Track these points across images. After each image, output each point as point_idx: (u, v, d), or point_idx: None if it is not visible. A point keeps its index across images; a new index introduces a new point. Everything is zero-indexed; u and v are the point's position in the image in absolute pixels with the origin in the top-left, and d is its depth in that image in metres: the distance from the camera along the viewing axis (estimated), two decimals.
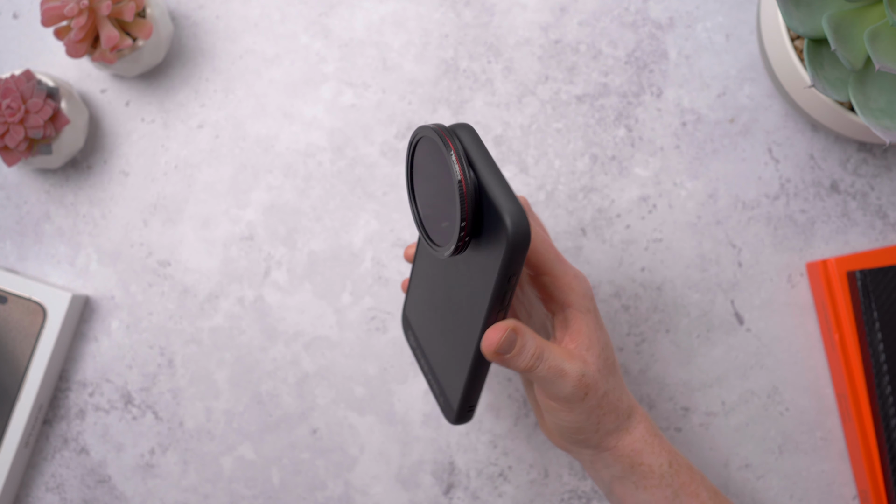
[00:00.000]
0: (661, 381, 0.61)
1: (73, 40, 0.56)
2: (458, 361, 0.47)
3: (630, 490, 0.50)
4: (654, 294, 0.61)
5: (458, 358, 0.47)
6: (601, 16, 0.62)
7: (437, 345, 0.50)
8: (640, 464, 0.50)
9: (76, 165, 0.63)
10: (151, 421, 0.62)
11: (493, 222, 0.40)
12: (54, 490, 0.62)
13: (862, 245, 0.61)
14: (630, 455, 0.49)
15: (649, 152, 0.61)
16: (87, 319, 0.62)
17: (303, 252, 0.62)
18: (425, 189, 0.44)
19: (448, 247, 0.42)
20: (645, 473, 0.50)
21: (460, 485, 0.61)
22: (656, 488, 0.50)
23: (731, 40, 0.62)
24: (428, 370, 0.51)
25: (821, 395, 0.61)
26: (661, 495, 0.50)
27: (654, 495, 0.49)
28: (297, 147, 0.62)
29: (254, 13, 0.63)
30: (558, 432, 0.49)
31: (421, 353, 0.52)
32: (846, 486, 0.60)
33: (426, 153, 0.43)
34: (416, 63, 0.62)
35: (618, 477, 0.50)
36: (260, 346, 0.62)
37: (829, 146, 0.61)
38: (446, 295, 0.47)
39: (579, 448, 0.50)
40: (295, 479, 0.61)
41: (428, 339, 0.51)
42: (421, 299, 0.51)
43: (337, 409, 0.62)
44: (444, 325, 0.48)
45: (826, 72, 0.50)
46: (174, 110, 0.63)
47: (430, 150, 0.42)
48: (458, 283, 0.46)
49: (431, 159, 0.42)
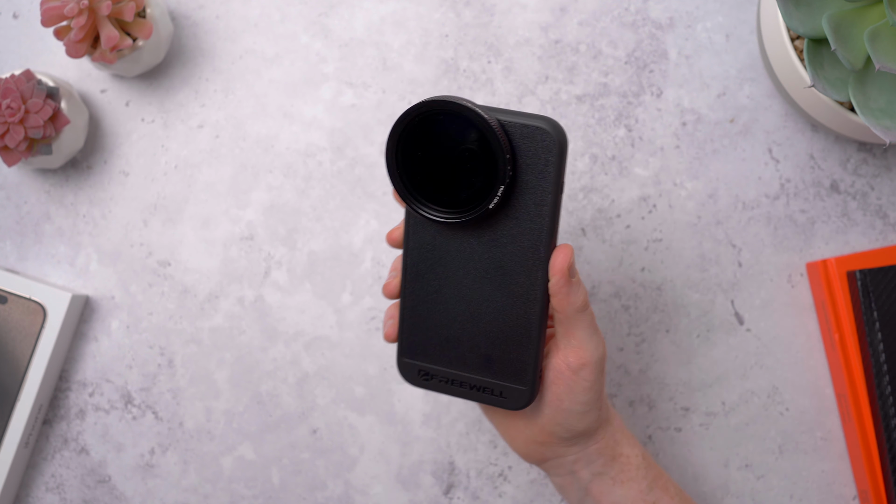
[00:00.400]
0: (661, 381, 0.61)
1: (73, 40, 0.56)
2: (518, 330, 0.46)
3: (608, 487, 0.49)
4: (654, 294, 0.61)
5: (515, 328, 0.47)
6: (601, 16, 0.62)
7: (475, 341, 0.47)
8: (620, 454, 0.50)
9: (76, 165, 0.63)
10: (151, 421, 0.62)
11: (526, 147, 0.44)
12: (54, 490, 0.62)
13: (862, 245, 0.61)
14: (612, 446, 0.50)
15: (649, 152, 0.61)
16: (87, 319, 0.62)
17: (303, 252, 0.62)
18: (426, 168, 0.44)
19: (491, 198, 0.44)
20: (623, 465, 0.50)
21: (460, 485, 0.61)
22: (633, 481, 0.50)
23: (731, 40, 0.62)
24: (466, 382, 0.48)
25: (821, 395, 0.61)
26: (637, 489, 0.50)
27: (631, 489, 0.49)
28: (297, 147, 0.62)
29: (254, 13, 0.63)
30: (564, 427, 0.48)
31: (445, 378, 0.49)
32: (846, 486, 0.60)
33: (425, 130, 0.44)
34: (416, 63, 0.62)
35: (598, 473, 0.49)
36: (260, 346, 0.62)
37: (829, 146, 0.61)
38: (476, 270, 0.46)
39: (566, 447, 0.49)
40: (295, 479, 0.62)
41: (456, 351, 0.48)
42: (432, 314, 0.48)
43: (337, 409, 0.62)
44: (480, 311, 0.47)
45: (826, 72, 0.50)
46: (174, 110, 0.63)
47: (431, 124, 0.44)
48: (489, 247, 0.46)
49: (434, 132, 0.44)
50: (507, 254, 0.46)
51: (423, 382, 0.49)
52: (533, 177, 0.44)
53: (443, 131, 0.44)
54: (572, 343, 0.47)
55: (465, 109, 0.43)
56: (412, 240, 0.47)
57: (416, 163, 0.44)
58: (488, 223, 0.46)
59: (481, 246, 0.46)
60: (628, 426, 0.61)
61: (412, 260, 0.47)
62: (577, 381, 0.47)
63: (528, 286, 0.46)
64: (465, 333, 0.47)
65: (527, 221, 0.45)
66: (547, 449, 0.49)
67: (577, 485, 0.50)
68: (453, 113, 0.43)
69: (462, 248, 0.46)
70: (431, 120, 0.44)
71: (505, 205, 0.45)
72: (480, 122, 0.43)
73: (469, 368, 0.48)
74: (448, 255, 0.47)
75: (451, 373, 0.48)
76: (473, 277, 0.47)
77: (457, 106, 0.43)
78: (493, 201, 0.44)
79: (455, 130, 0.44)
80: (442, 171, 0.44)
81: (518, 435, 0.50)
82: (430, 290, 0.47)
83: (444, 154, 0.44)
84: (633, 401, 0.61)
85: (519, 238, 0.45)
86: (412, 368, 0.49)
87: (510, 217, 0.45)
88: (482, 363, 0.48)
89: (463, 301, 0.47)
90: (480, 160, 0.43)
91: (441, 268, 0.47)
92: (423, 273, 0.47)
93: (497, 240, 0.46)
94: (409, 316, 0.48)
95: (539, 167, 0.44)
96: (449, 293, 0.47)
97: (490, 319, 0.47)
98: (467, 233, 0.46)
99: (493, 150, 0.43)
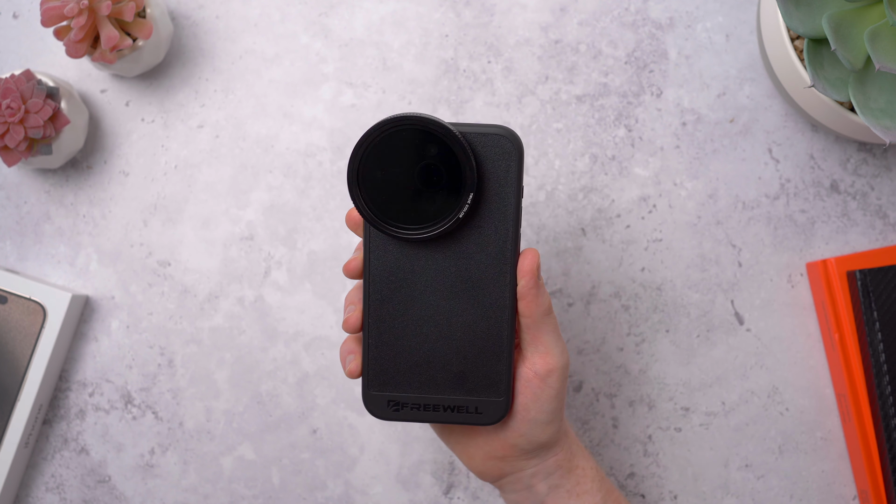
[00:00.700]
0: (661, 381, 0.61)
1: (73, 40, 0.56)
2: (490, 341, 0.47)
3: (563, 499, 0.49)
4: (654, 294, 0.61)
5: (486, 339, 0.47)
6: (601, 16, 0.62)
7: (447, 360, 0.47)
8: (576, 467, 0.50)
9: (76, 165, 0.63)
10: (151, 421, 0.62)
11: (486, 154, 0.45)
12: (54, 490, 0.62)
13: (862, 245, 0.61)
14: (569, 458, 0.49)
15: (649, 152, 0.61)
16: (87, 319, 0.62)
17: (303, 252, 0.62)
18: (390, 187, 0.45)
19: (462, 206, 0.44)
20: (579, 478, 0.49)
21: (460, 485, 0.61)
22: (588, 494, 0.49)
23: (731, 40, 0.62)
24: (439, 405, 0.48)
25: (821, 395, 0.61)
26: (591, 501, 0.49)
27: (586, 502, 0.49)
28: (297, 147, 0.62)
29: (254, 13, 0.63)
30: (528, 438, 0.47)
31: (417, 404, 0.48)
32: (846, 486, 0.60)
33: (383, 150, 0.44)
34: (416, 63, 0.62)
35: (555, 486, 0.49)
36: (260, 346, 0.62)
37: (829, 146, 0.61)
38: (443, 286, 0.46)
39: (526, 460, 0.48)
40: (295, 479, 0.62)
41: (427, 373, 0.47)
42: (399, 339, 0.47)
43: (337, 409, 0.62)
44: (450, 327, 0.47)
45: (826, 72, 0.50)
46: (174, 110, 0.63)
47: (389, 144, 0.44)
48: (456, 259, 0.46)
49: (392, 151, 0.44)
50: (475, 263, 0.46)
51: (392, 414, 0.47)
52: (496, 183, 0.45)
53: (401, 149, 0.44)
54: (539, 349, 0.47)
55: (428, 123, 0.44)
56: (374, 265, 0.46)
57: (378, 184, 0.45)
58: (454, 236, 0.46)
59: (447, 260, 0.46)
60: (628, 426, 0.61)
61: (376, 286, 0.47)
62: (543, 389, 0.47)
63: (497, 294, 0.46)
64: (436, 353, 0.47)
65: (492, 229, 0.46)
66: (506, 464, 0.49)
67: (532, 500, 0.49)
68: (414, 129, 0.44)
69: (428, 265, 0.46)
70: (389, 139, 0.44)
71: (471, 214, 0.46)
72: (444, 132, 0.44)
73: (441, 389, 0.47)
74: (413, 275, 0.47)
75: (422, 397, 0.47)
76: (441, 294, 0.47)
77: (418, 121, 0.44)
78: (462, 209, 0.44)
79: (414, 147, 0.44)
80: (405, 190, 0.45)
81: (476, 452, 0.49)
82: (395, 314, 0.47)
83: (405, 172, 0.44)
84: (633, 401, 0.61)
85: (486, 246, 0.46)
86: (380, 401, 0.47)
87: (475, 227, 0.46)
88: (455, 381, 0.47)
89: (431, 320, 0.47)
90: (443, 174, 0.44)
91: (406, 289, 0.47)
92: (388, 298, 0.47)
93: (463, 251, 0.46)
94: (375, 345, 0.47)
95: (500, 173, 0.45)
96: (416, 314, 0.47)
97: (461, 335, 0.47)
98: (433, 249, 0.46)
99: (459, 158, 0.44)
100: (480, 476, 0.50)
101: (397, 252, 0.46)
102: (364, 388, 0.48)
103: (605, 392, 0.61)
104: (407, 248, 0.46)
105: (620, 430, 0.61)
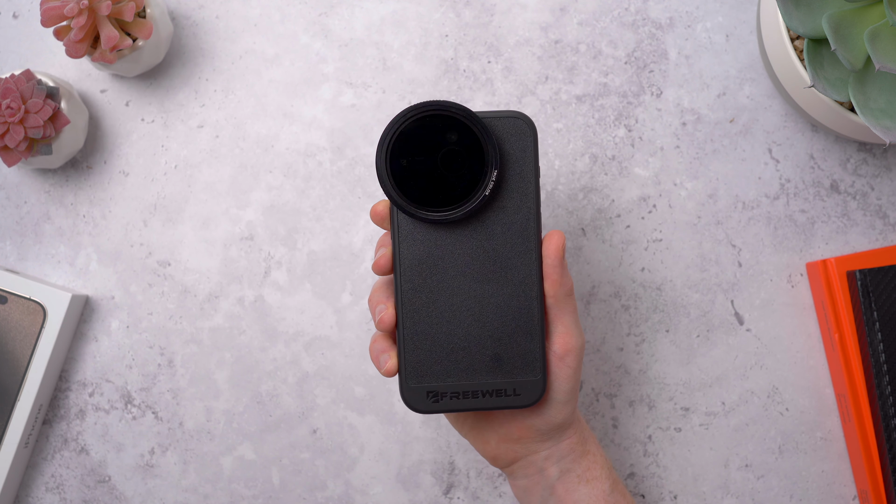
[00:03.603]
0: (661, 381, 0.61)
1: (73, 40, 0.56)
2: (522, 320, 0.48)
3: (573, 485, 0.50)
4: (654, 294, 0.61)
5: (519, 318, 0.48)
6: (601, 16, 0.62)
7: (482, 343, 0.48)
8: (588, 452, 0.50)
9: (76, 165, 0.63)
10: (151, 421, 0.62)
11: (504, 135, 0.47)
12: (54, 490, 0.62)
13: (862, 245, 0.61)
14: (581, 442, 0.50)
15: (649, 152, 0.61)
16: (87, 319, 0.62)
17: (303, 252, 0.62)
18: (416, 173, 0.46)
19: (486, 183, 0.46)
20: (590, 463, 0.50)
21: (460, 485, 0.61)
22: (597, 480, 0.50)
23: (731, 40, 0.62)
24: (478, 391, 0.48)
25: (821, 395, 0.61)
26: (600, 489, 0.50)
27: (595, 488, 0.50)
28: (297, 147, 0.62)
29: (254, 13, 0.63)
30: (545, 418, 0.48)
31: (455, 392, 0.48)
32: (846, 486, 0.60)
33: (406, 139, 0.46)
34: (416, 63, 0.62)
35: (566, 470, 0.50)
36: (260, 346, 0.62)
37: (829, 146, 0.61)
38: (473, 269, 0.47)
39: (541, 442, 0.49)
40: (295, 479, 0.62)
41: (465, 359, 0.48)
42: (434, 328, 0.48)
43: (337, 409, 0.62)
44: (483, 310, 0.47)
45: (826, 72, 0.50)
46: (174, 110, 0.63)
47: (411, 133, 0.46)
48: (483, 241, 0.47)
49: (415, 140, 0.46)
50: (501, 243, 0.47)
51: (432, 406, 0.48)
52: (515, 163, 0.47)
53: (424, 136, 0.46)
54: (559, 329, 0.48)
55: (449, 107, 0.45)
56: (405, 255, 0.47)
57: (404, 172, 0.46)
58: (478, 218, 0.47)
59: (474, 242, 0.47)
60: (628, 426, 0.61)
61: (407, 276, 0.47)
62: (562, 369, 0.47)
63: (525, 271, 0.47)
64: (471, 337, 0.48)
65: (515, 207, 0.47)
66: (521, 446, 0.49)
67: (543, 483, 0.50)
68: (435, 115, 0.46)
69: (456, 249, 0.47)
70: (411, 128, 0.46)
71: (494, 195, 0.47)
72: (465, 114, 0.45)
73: (479, 374, 0.48)
74: (443, 262, 0.47)
75: (461, 384, 0.48)
76: (471, 277, 0.48)
77: (439, 106, 0.45)
78: (488, 186, 0.46)
79: (435, 132, 0.46)
80: (431, 175, 0.46)
81: (492, 436, 0.50)
82: (428, 302, 0.48)
83: (429, 157, 0.46)
84: (633, 401, 0.61)
85: (510, 225, 0.47)
86: (419, 393, 0.47)
87: (498, 207, 0.47)
88: (492, 364, 0.48)
89: (464, 305, 0.48)
90: (465, 157, 0.46)
91: (437, 276, 0.47)
92: (420, 287, 0.47)
93: (489, 231, 0.47)
94: (411, 336, 0.48)
95: (518, 154, 0.47)
96: (449, 301, 0.48)
97: (493, 316, 0.48)
98: (459, 233, 0.47)
99: (480, 138, 0.46)
100: (493, 461, 0.51)
101: (425, 240, 0.47)
102: (402, 382, 0.48)
103: (605, 392, 0.61)
104: (435, 235, 0.47)
105: (620, 430, 0.61)
